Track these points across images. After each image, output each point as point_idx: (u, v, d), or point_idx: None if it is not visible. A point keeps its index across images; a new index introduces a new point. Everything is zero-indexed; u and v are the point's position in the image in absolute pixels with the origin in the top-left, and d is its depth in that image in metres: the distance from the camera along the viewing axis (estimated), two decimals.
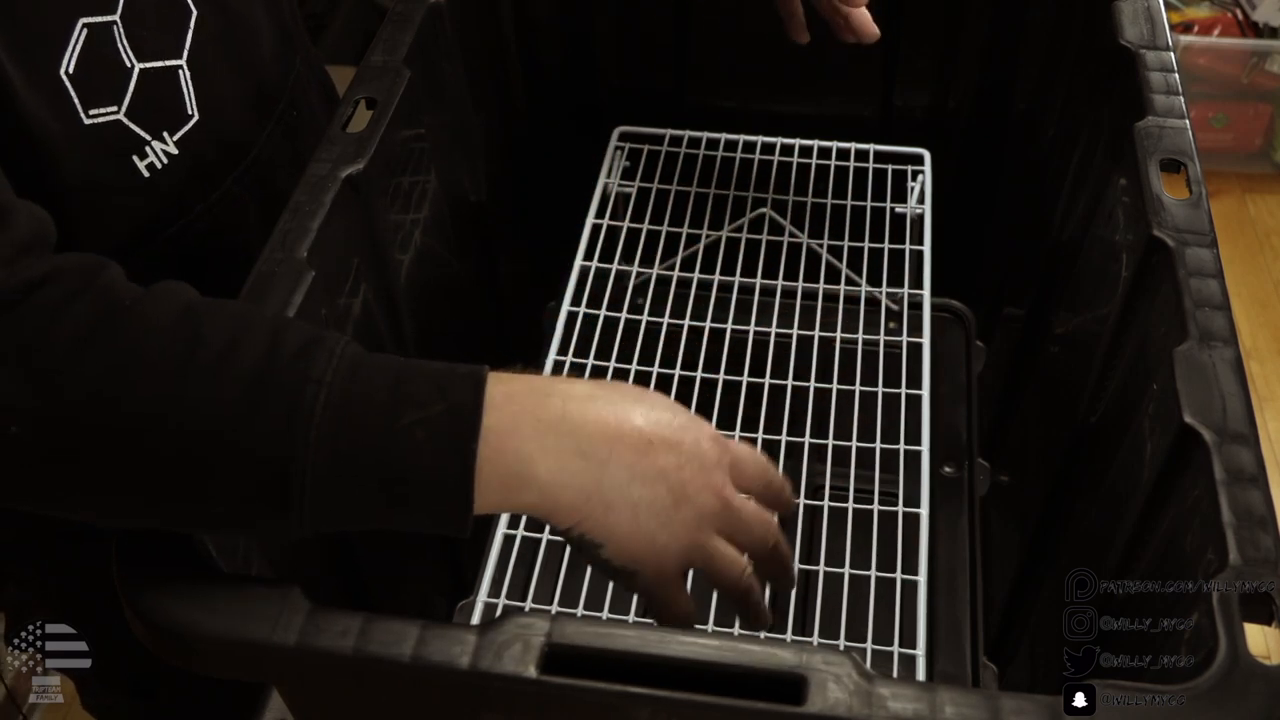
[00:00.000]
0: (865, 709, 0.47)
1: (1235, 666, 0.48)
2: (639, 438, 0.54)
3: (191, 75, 0.69)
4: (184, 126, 0.69)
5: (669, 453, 0.54)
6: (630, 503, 0.53)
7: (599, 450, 0.53)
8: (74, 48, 0.62)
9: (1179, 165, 0.70)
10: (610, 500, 0.53)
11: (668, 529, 0.54)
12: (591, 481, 0.53)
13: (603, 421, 0.53)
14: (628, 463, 0.53)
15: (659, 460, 0.54)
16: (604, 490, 0.53)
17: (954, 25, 1.01)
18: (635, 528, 0.54)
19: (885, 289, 0.95)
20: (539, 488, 0.52)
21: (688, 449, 0.55)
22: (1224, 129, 2.24)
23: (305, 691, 0.59)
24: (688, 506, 0.55)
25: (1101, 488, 0.72)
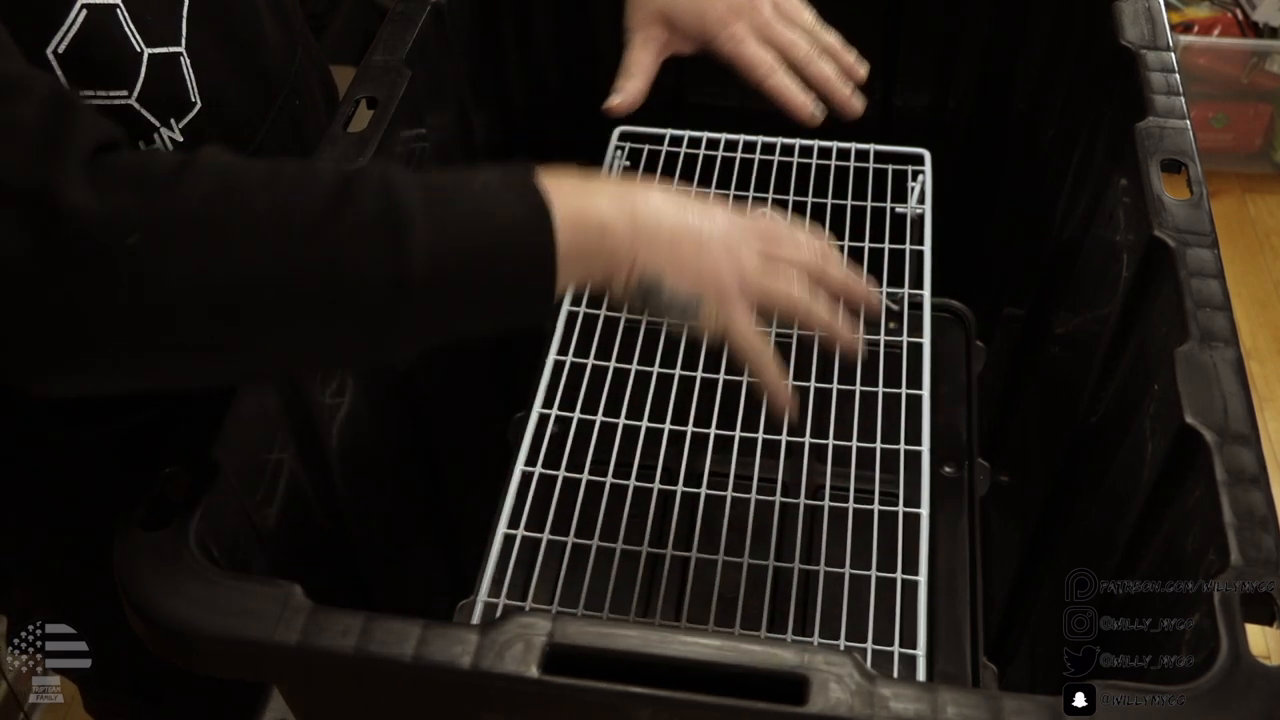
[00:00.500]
0: (867, 709, 0.47)
1: (1236, 667, 0.48)
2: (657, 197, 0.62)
3: (192, 62, 0.69)
4: (189, 114, 0.69)
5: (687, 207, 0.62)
6: (669, 232, 0.60)
7: (626, 202, 0.60)
8: (69, 29, 0.62)
9: (1180, 165, 0.70)
10: (653, 233, 0.60)
11: (708, 254, 0.61)
12: (632, 223, 0.59)
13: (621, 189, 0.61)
14: (654, 208, 0.61)
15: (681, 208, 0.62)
16: (643, 222, 0.60)
17: (954, 25, 1.01)
18: (679, 258, 0.60)
19: (885, 289, 0.95)
20: (598, 224, 0.58)
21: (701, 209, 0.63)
22: (1224, 129, 2.24)
23: (306, 691, 0.60)
24: (716, 231, 0.62)
25: (1102, 488, 0.72)
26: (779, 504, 0.79)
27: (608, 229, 0.58)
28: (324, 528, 0.72)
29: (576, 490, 0.78)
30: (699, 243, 0.61)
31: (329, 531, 0.73)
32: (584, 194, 0.58)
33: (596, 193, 0.59)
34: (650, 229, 0.60)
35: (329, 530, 0.73)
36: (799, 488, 0.86)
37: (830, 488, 0.81)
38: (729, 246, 0.62)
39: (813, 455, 0.83)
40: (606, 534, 0.76)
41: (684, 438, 0.83)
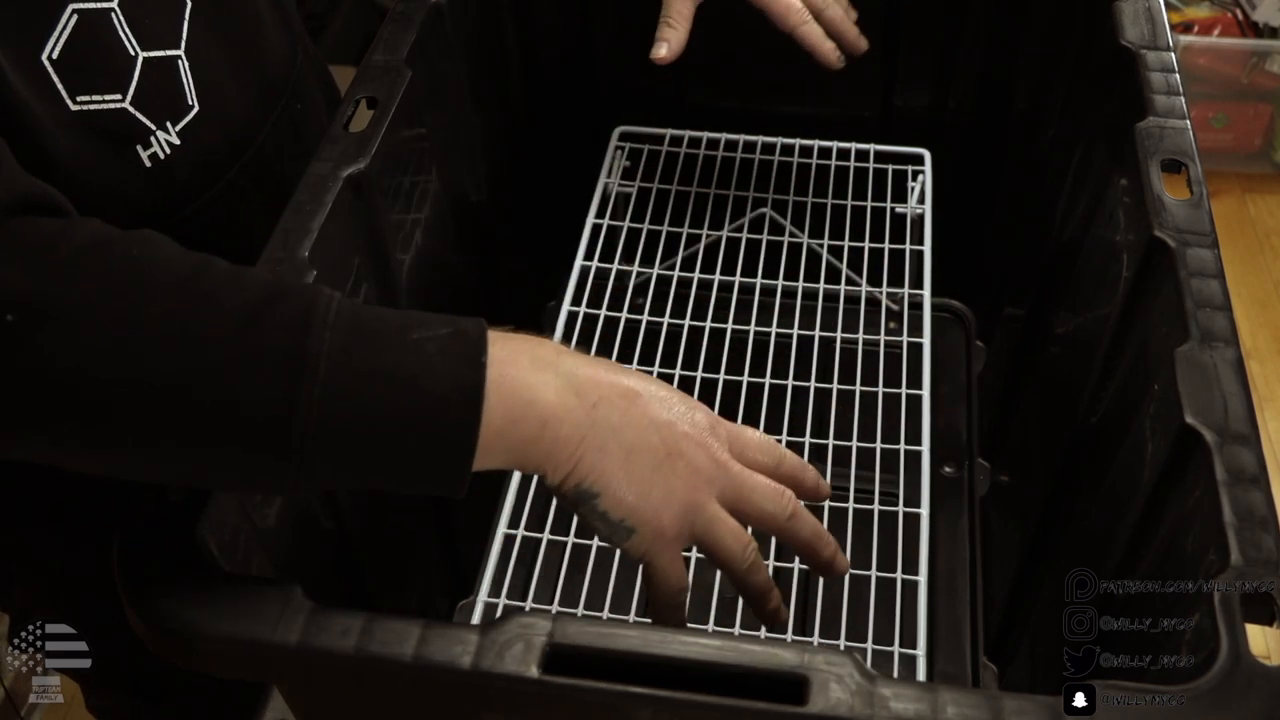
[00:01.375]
0: (867, 709, 0.47)
1: (1236, 667, 0.48)
2: (627, 388, 0.54)
3: (190, 65, 0.69)
4: (185, 117, 0.69)
5: (660, 406, 0.55)
6: (623, 447, 0.53)
7: (590, 392, 0.53)
8: (60, 33, 0.62)
9: (1180, 165, 0.70)
10: (603, 442, 0.53)
11: (663, 482, 0.54)
12: (585, 419, 0.52)
13: (593, 370, 0.54)
14: (619, 407, 0.53)
15: (650, 410, 0.54)
16: (597, 430, 0.53)
17: (954, 25, 1.01)
18: (629, 475, 0.53)
19: (885, 289, 0.95)
20: (539, 415, 0.51)
21: (677, 409, 0.55)
22: (1224, 129, 2.24)
23: (306, 691, 0.59)
24: (681, 461, 0.54)
25: (1102, 488, 0.72)
26: None
27: (549, 424, 0.52)
28: (324, 528, 0.72)
29: None
30: (656, 468, 0.54)
31: (329, 531, 0.73)
32: (537, 378, 0.52)
33: (552, 378, 0.52)
34: (605, 434, 0.53)
35: (329, 530, 0.73)
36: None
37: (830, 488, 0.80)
38: (691, 486, 0.55)
39: (813, 455, 0.83)
40: None
41: None
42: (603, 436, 0.53)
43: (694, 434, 0.55)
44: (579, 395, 0.53)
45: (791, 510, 0.58)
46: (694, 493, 0.55)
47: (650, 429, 0.54)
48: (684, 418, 0.55)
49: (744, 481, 0.57)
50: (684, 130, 1.02)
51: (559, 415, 0.52)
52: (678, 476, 0.54)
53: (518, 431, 0.51)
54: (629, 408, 0.54)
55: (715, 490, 0.56)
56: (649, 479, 0.54)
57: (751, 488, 0.57)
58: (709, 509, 0.56)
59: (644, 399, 0.54)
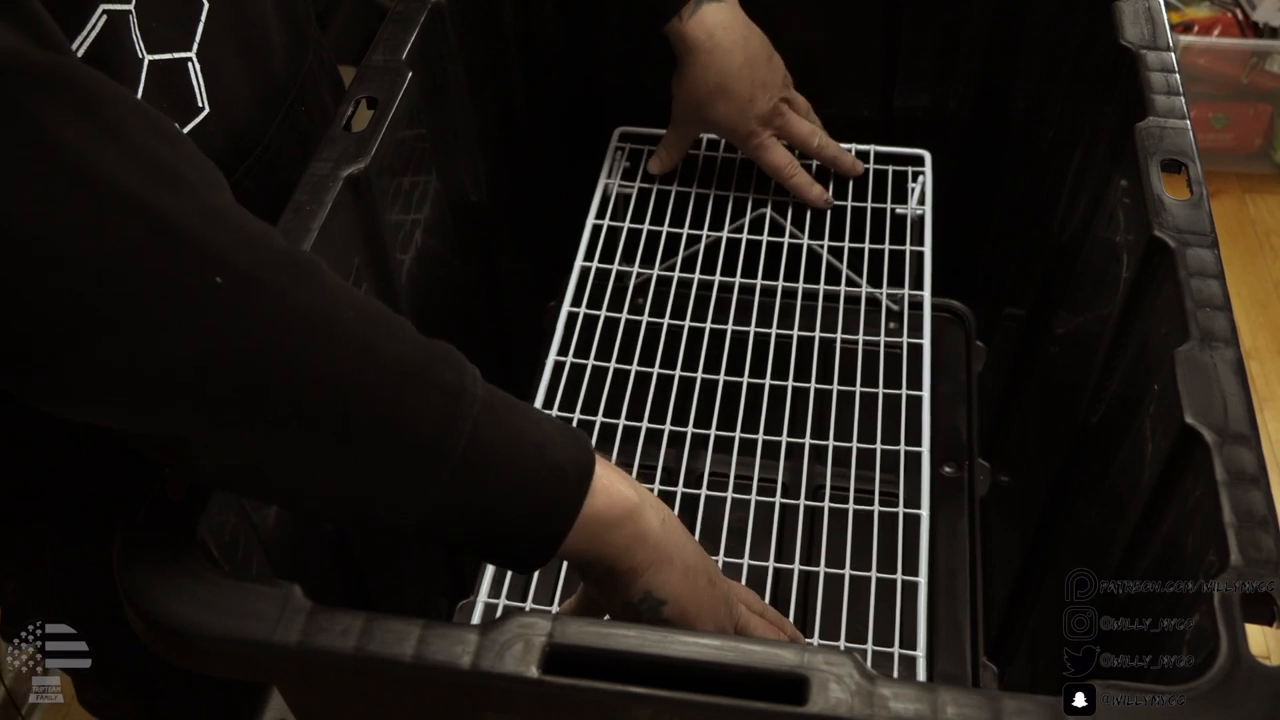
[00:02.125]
0: (867, 709, 0.47)
1: (1236, 667, 0.48)
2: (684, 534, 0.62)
3: (201, 68, 0.69)
4: (194, 119, 0.69)
5: (701, 553, 0.63)
6: (685, 563, 0.60)
7: (660, 510, 0.60)
8: (89, 33, 0.62)
9: (1180, 165, 0.70)
10: (671, 554, 0.59)
11: (710, 598, 0.62)
12: (660, 531, 0.59)
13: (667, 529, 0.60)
14: (680, 535, 0.61)
15: (694, 542, 0.63)
16: (667, 544, 0.59)
17: (954, 25, 1.01)
18: (690, 587, 0.60)
19: (885, 289, 0.95)
20: (625, 512, 0.57)
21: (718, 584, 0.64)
22: (1224, 129, 2.24)
23: (306, 691, 0.59)
24: (719, 585, 0.64)
25: (1102, 488, 0.72)
26: (779, 505, 0.79)
27: (631, 522, 0.57)
28: (324, 528, 0.72)
29: None
30: (711, 584, 0.62)
31: (329, 531, 0.73)
32: (629, 488, 0.58)
33: (640, 489, 0.59)
34: (672, 549, 0.59)
35: (329, 530, 0.73)
36: (799, 488, 0.86)
37: (830, 488, 0.81)
38: (724, 599, 0.64)
39: (813, 456, 0.83)
40: None
41: (684, 438, 0.83)
42: (671, 550, 0.59)
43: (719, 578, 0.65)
44: (655, 509, 0.59)
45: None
46: (729, 607, 0.64)
47: (698, 557, 0.62)
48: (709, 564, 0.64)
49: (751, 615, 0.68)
50: None
51: (643, 516, 0.58)
52: (720, 597, 0.63)
53: (608, 519, 0.56)
54: (685, 541, 0.61)
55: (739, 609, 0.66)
56: (702, 593, 0.61)
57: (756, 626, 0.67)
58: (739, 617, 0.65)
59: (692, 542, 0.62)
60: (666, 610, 0.59)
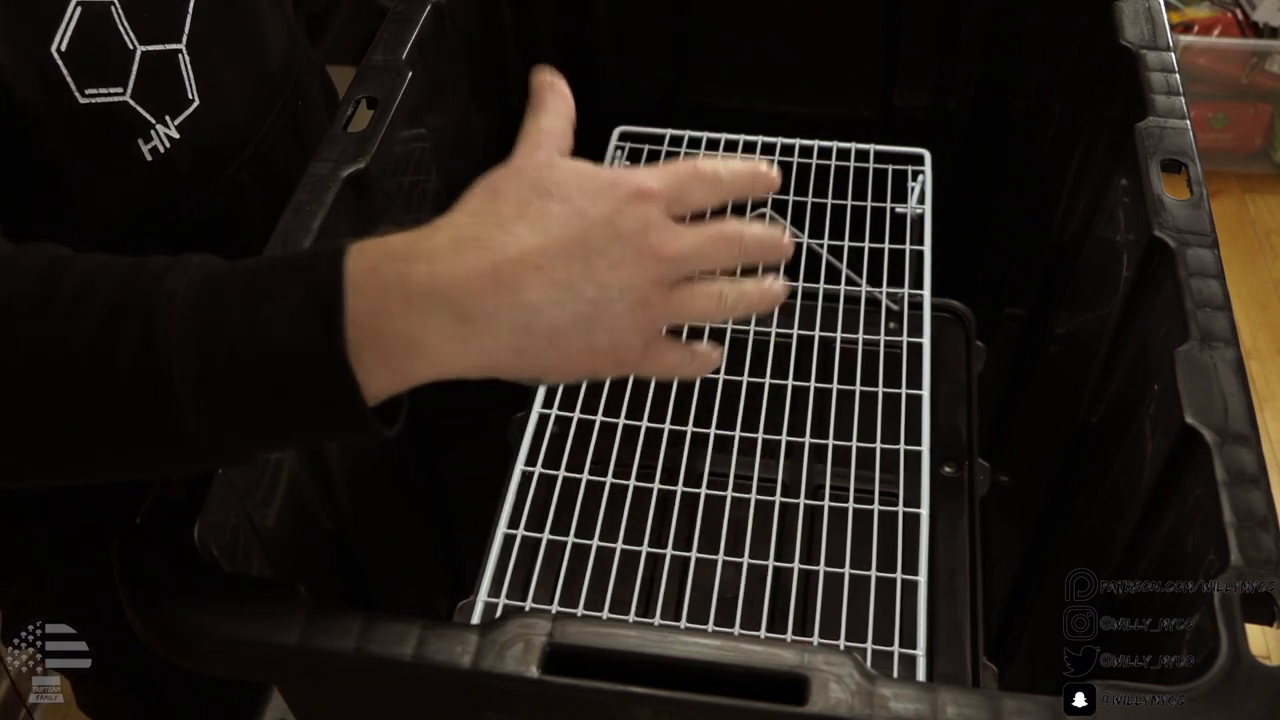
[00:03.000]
0: (867, 709, 0.47)
1: (1236, 667, 0.48)
2: (522, 268, 0.47)
3: (191, 59, 0.69)
4: (185, 111, 0.69)
5: (568, 262, 0.48)
6: (544, 335, 0.48)
7: (482, 307, 0.47)
8: (67, 26, 0.62)
9: (1180, 165, 0.70)
10: (518, 345, 0.48)
11: (607, 331, 0.49)
12: (486, 338, 0.47)
13: (475, 273, 0.47)
14: (521, 302, 0.47)
15: (558, 275, 0.48)
16: (503, 340, 0.47)
17: (954, 25, 1.01)
18: (565, 353, 0.49)
19: (885, 289, 0.95)
20: (432, 360, 0.47)
21: (594, 239, 0.49)
22: (1224, 129, 2.24)
23: (306, 691, 0.59)
24: (620, 299, 0.49)
25: (1102, 488, 0.72)
26: (779, 504, 0.79)
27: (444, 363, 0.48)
28: (324, 528, 0.72)
29: (576, 490, 0.78)
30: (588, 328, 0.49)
31: (329, 532, 0.73)
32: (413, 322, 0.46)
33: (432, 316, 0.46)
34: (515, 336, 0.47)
35: (329, 530, 0.73)
36: (799, 488, 0.86)
37: (830, 488, 0.80)
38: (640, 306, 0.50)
39: (813, 455, 0.83)
40: (606, 534, 0.76)
41: (684, 438, 0.83)
42: (514, 339, 0.48)
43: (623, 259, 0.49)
44: (471, 320, 0.47)
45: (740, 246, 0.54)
46: (645, 311, 0.50)
47: (567, 295, 0.48)
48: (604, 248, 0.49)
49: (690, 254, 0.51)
50: (684, 130, 1.02)
51: (453, 351, 0.47)
52: (620, 316, 0.49)
53: (416, 372, 0.48)
54: (533, 294, 0.47)
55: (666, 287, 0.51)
56: (587, 340, 0.49)
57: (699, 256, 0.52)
58: (666, 307, 0.51)
59: (545, 269, 0.48)
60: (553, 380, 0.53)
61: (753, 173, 0.55)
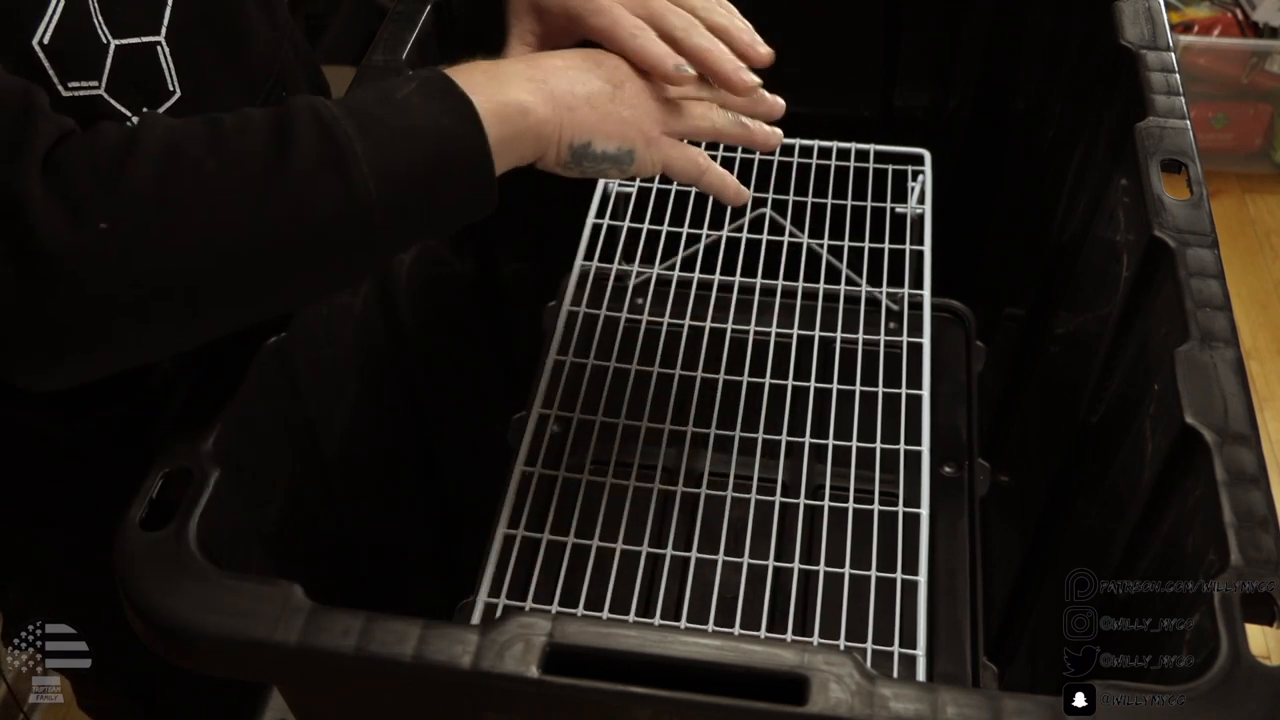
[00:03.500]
0: (867, 709, 0.47)
1: (1236, 667, 0.48)
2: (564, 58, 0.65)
3: (171, 52, 0.69)
4: (166, 103, 0.69)
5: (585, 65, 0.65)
6: (584, 98, 0.63)
7: (536, 76, 0.63)
8: (50, 19, 0.62)
9: (1180, 165, 0.70)
10: (569, 103, 0.63)
11: (627, 105, 0.65)
12: (547, 97, 0.62)
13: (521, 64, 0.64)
14: (561, 71, 0.64)
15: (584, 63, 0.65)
16: (559, 95, 0.63)
17: (954, 25, 1.01)
18: (602, 113, 0.64)
19: (885, 289, 0.95)
20: (518, 106, 0.61)
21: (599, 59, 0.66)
22: (1224, 129, 2.24)
23: (306, 691, 0.59)
24: (629, 86, 0.65)
25: (1102, 488, 0.72)
26: (779, 504, 0.79)
27: (529, 111, 0.61)
28: (324, 528, 0.72)
29: (576, 490, 0.78)
30: (614, 97, 0.65)
31: (329, 531, 0.73)
32: (499, 83, 0.61)
33: (509, 78, 0.62)
34: (567, 99, 0.63)
35: (329, 530, 0.73)
36: (799, 488, 0.86)
37: (830, 488, 0.81)
38: (639, 92, 0.66)
39: (813, 455, 0.83)
40: (606, 534, 0.76)
41: (684, 438, 0.83)
42: (565, 98, 0.63)
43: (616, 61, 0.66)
44: (530, 80, 0.62)
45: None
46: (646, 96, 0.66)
47: (592, 74, 0.65)
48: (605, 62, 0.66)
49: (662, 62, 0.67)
50: None
51: (530, 99, 0.61)
52: (636, 94, 0.65)
53: (511, 129, 0.60)
54: (567, 70, 0.64)
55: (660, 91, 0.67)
56: (615, 109, 0.64)
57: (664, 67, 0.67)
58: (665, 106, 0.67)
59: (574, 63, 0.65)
60: (596, 146, 0.64)
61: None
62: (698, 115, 0.68)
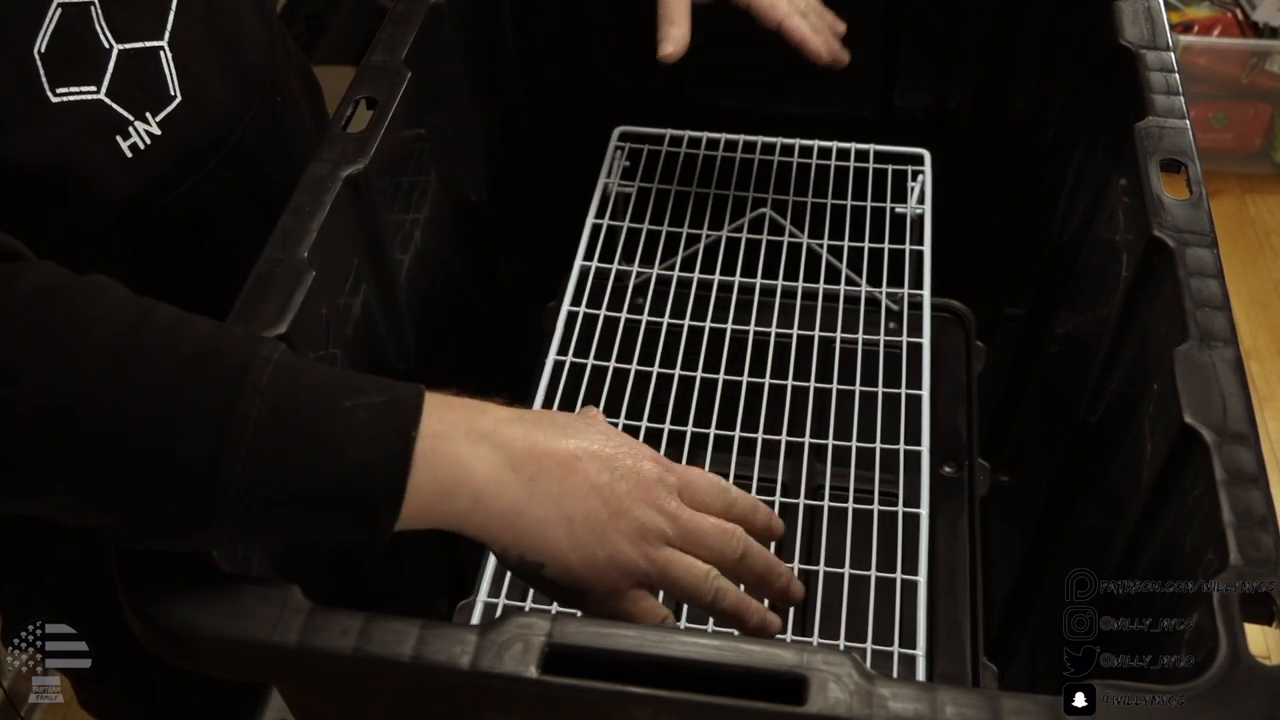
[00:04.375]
0: (866, 709, 0.47)
1: (1236, 667, 0.48)
2: (567, 455, 0.55)
3: (174, 56, 0.69)
4: (166, 108, 0.69)
5: (600, 468, 0.55)
6: (564, 517, 0.54)
7: (527, 464, 0.54)
8: (48, 27, 0.62)
9: (1179, 165, 0.70)
10: (543, 515, 0.54)
11: (608, 543, 0.55)
12: (523, 494, 0.54)
13: (530, 440, 0.55)
14: (558, 476, 0.54)
15: (590, 475, 0.55)
16: (535, 503, 0.54)
17: (954, 25, 1.01)
18: (573, 543, 0.54)
19: (885, 289, 0.95)
20: (472, 493, 0.53)
21: (622, 466, 0.56)
22: (1224, 129, 2.24)
23: (305, 692, 0.59)
24: (625, 519, 0.56)
25: (1102, 488, 0.72)
26: (779, 504, 0.79)
27: (483, 500, 0.53)
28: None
29: None
30: (600, 531, 0.55)
31: None
32: (471, 452, 0.53)
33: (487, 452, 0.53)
34: (544, 506, 0.54)
35: None
36: (799, 488, 0.86)
37: (830, 488, 0.81)
38: (637, 540, 0.56)
39: (813, 455, 0.83)
40: None
41: (684, 438, 0.83)
42: (542, 509, 0.54)
43: (637, 491, 0.56)
44: (515, 469, 0.54)
45: (742, 550, 0.59)
46: (643, 545, 0.56)
47: (591, 494, 0.55)
48: (628, 475, 0.56)
49: (693, 527, 0.57)
50: (684, 130, 1.02)
51: (493, 491, 0.53)
52: (622, 535, 0.55)
53: (450, 506, 0.52)
54: (568, 476, 0.55)
55: (664, 539, 0.57)
56: (593, 543, 0.55)
57: (701, 532, 0.58)
58: (659, 555, 0.56)
59: (583, 463, 0.55)
60: (548, 572, 0.55)
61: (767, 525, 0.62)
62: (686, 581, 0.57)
